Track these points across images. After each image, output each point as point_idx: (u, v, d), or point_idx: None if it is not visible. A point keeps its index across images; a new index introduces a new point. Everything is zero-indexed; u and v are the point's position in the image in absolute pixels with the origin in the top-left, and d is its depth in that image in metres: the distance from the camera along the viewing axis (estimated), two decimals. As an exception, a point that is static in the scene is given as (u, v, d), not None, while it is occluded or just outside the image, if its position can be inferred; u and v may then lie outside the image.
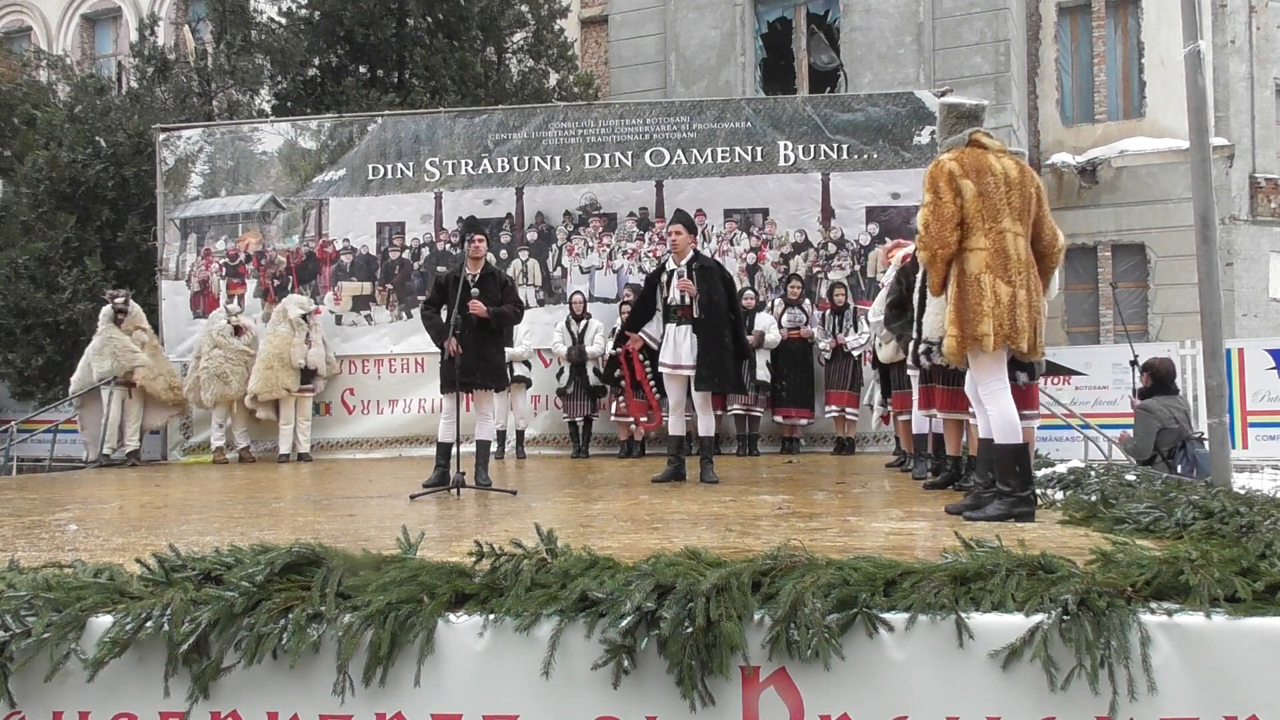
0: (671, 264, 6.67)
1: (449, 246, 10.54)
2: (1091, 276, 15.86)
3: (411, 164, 10.79)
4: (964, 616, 2.32)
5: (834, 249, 10.24)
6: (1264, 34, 15.62)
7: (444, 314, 6.26)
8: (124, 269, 12.68)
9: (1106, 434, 8.99)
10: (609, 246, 10.51)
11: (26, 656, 2.38)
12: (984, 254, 4.07)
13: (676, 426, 6.86)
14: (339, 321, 10.82)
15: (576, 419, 9.95)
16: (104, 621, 2.43)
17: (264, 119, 12.42)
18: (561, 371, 9.96)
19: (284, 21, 13.86)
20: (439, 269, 9.73)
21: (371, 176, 10.86)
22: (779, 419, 9.84)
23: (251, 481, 7.65)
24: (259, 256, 10.99)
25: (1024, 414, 4.64)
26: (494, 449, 7.84)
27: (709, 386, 6.54)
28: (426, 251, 10.76)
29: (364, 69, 14.08)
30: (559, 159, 10.62)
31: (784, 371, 9.75)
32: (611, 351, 9.02)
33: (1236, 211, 15.30)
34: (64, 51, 18.59)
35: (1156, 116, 15.43)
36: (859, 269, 10.16)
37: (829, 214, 10.24)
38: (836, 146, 10.22)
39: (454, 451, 6.07)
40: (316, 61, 14.03)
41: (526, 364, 9.91)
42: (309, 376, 10.21)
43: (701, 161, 10.42)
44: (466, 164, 10.72)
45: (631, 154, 10.52)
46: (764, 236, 10.35)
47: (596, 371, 9.77)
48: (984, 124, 4.39)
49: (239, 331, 10.31)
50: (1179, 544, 2.97)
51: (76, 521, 4.89)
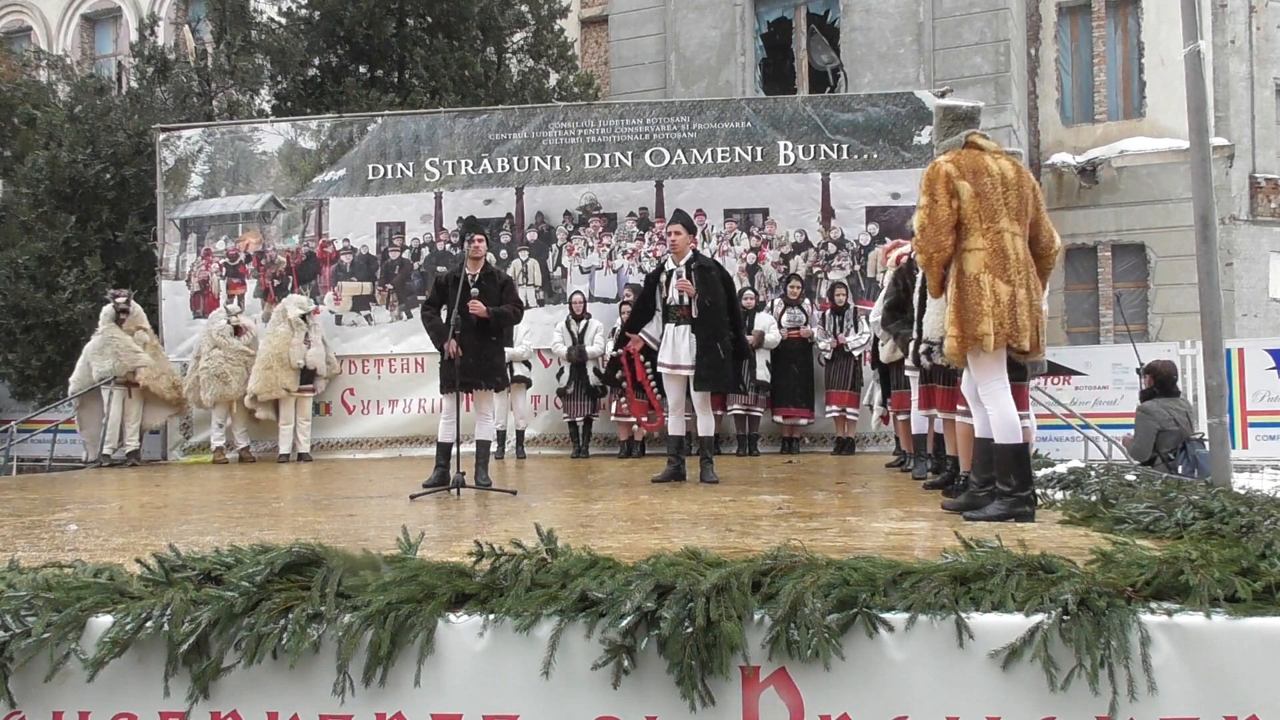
0: (671, 264, 6.68)
1: (449, 246, 10.54)
2: (1091, 276, 15.85)
3: (411, 164, 10.79)
4: (964, 616, 2.32)
5: (834, 249, 10.24)
6: (1264, 34, 15.62)
7: (444, 314, 6.26)
8: (124, 269, 12.68)
9: (1106, 434, 8.98)
10: (609, 246, 10.50)
11: (26, 656, 2.38)
12: (982, 254, 4.08)
13: (676, 426, 6.86)
14: (339, 321, 10.82)
15: (576, 419, 9.95)
16: (104, 621, 2.43)
17: (264, 119, 12.42)
18: (562, 371, 9.95)
19: (284, 21, 13.86)
20: (439, 269, 9.73)
21: (371, 176, 10.86)
22: (779, 419, 9.84)
23: (251, 481, 7.65)
24: (259, 256, 10.99)
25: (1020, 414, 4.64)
26: (494, 449, 7.84)
27: (708, 386, 6.54)
28: (426, 251, 10.76)
29: (364, 69, 14.08)
30: (559, 159, 10.61)
31: (784, 371, 9.75)
32: (613, 353, 9.03)
33: (1236, 211, 15.30)
34: (64, 51, 18.59)
35: (1156, 116, 15.43)
36: (859, 269, 10.16)
37: (829, 214, 10.24)
38: (836, 146, 10.22)
39: (454, 451, 6.07)
40: (316, 61, 14.03)
41: (526, 364, 9.91)
42: (309, 376, 10.20)
43: (701, 161, 10.42)
44: (466, 164, 10.72)
45: (631, 154, 10.52)
46: (764, 236, 10.35)
47: (597, 371, 9.77)
48: (980, 125, 4.40)
49: (239, 331, 10.31)
50: (1179, 544, 2.97)
51: (76, 521, 4.88)
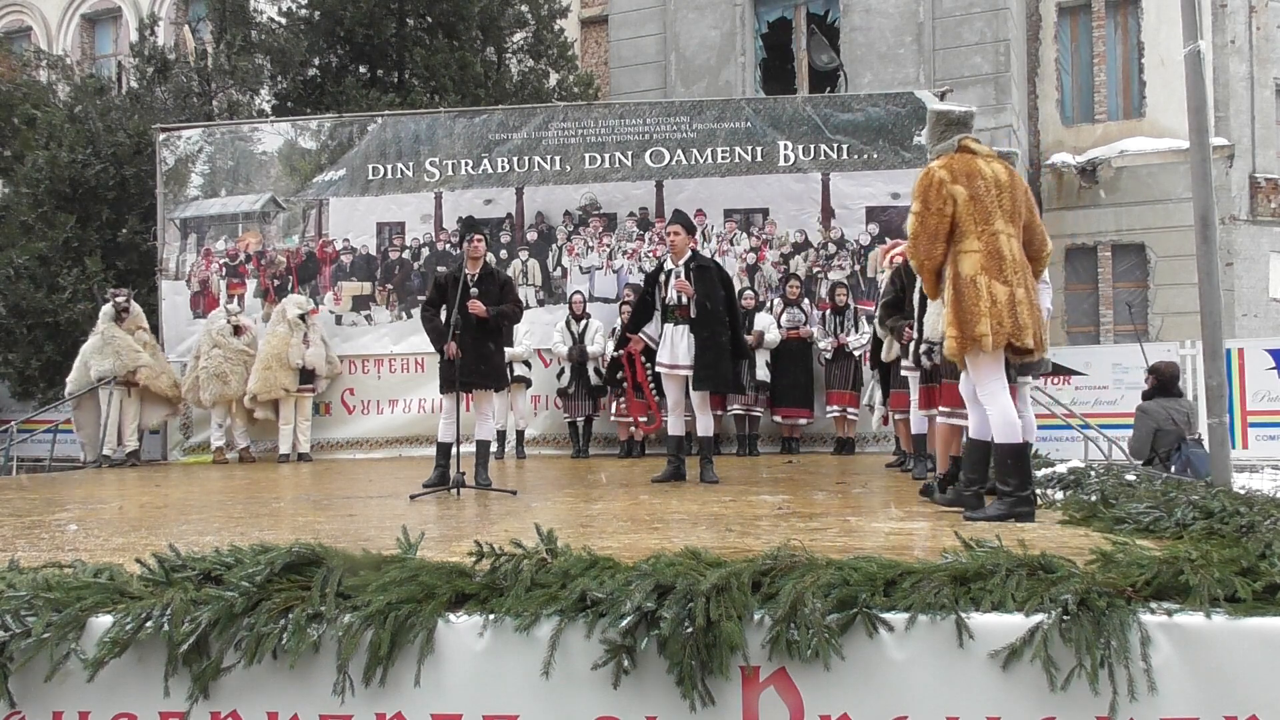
0: (670, 264, 6.68)
1: (449, 246, 10.54)
2: (1091, 276, 15.85)
3: (411, 164, 10.79)
4: (964, 616, 2.32)
5: (834, 249, 10.24)
6: (1264, 34, 15.62)
7: (443, 314, 6.26)
8: (124, 269, 12.67)
9: (1106, 434, 8.98)
10: (609, 246, 10.50)
11: (26, 656, 2.38)
12: (978, 256, 4.11)
13: (676, 426, 6.86)
14: (339, 321, 10.81)
15: (577, 419, 9.95)
16: (104, 621, 2.43)
17: (264, 119, 12.42)
18: (562, 372, 9.95)
19: (284, 21, 13.86)
20: (439, 269, 9.72)
21: (371, 176, 10.86)
22: (778, 419, 9.84)
23: (251, 481, 7.65)
24: (259, 256, 10.98)
25: None
26: (494, 449, 7.83)
27: (706, 386, 6.54)
28: (426, 251, 10.76)
29: (364, 69, 14.08)
30: (559, 159, 10.61)
31: (783, 371, 9.75)
32: (614, 354, 9.03)
33: (1236, 211, 15.30)
34: (64, 51, 18.59)
35: (1156, 116, 15.43)
36: (859, 269, 10.16)
37: (829, 214, 10.24)
38: (836, 146, 10.21)
39: (454, 451, 6.07)
40: (316, 61, 14.03)
41: (526, 364, 9.91)
42: (309, 376, 10.20)
43: (701, 161, 10.42)
44: (466, 164, 10.71)
45: (631, 154, 10.51)
46: (764, 236, 10.35)
47: (598, 371, 9.77)
48: (980, 125, 4.42)
49: (238, 331, 10.31)
50: (1179, 544, 2.97)
51: (76, 521, 4.88)
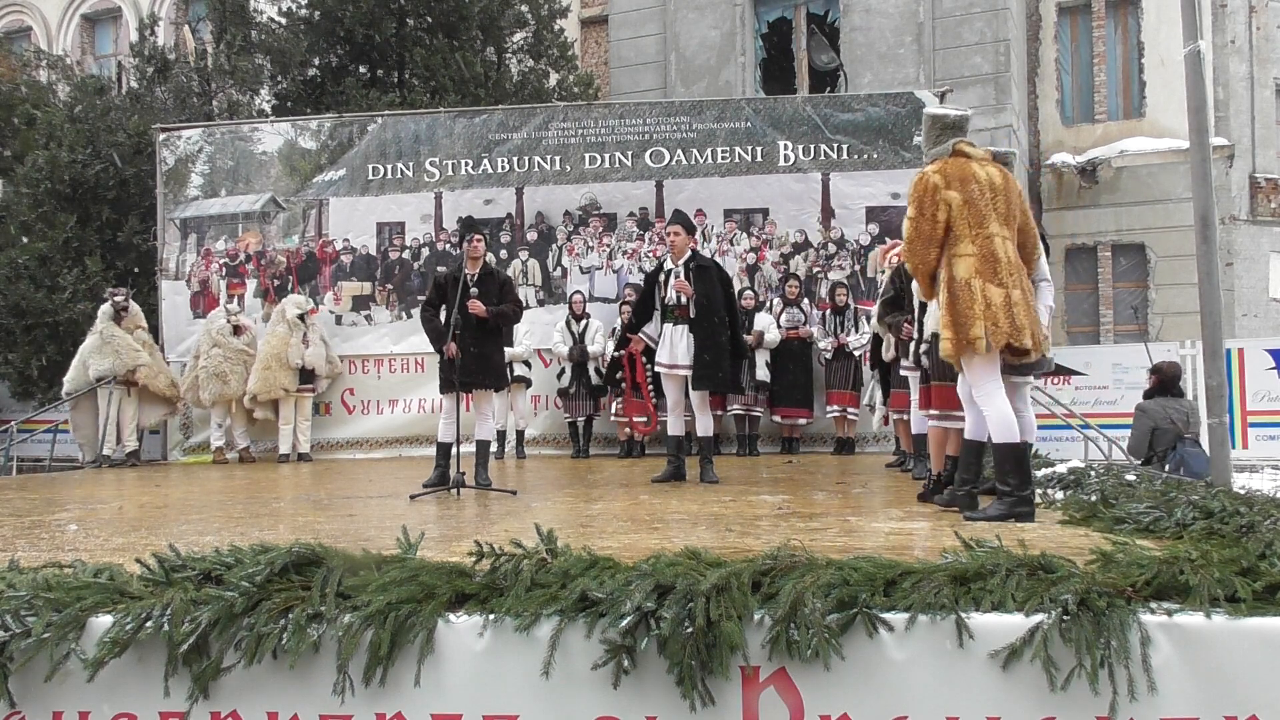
0: (670, 264, 6.68)
1: (449, 246, 10.53)
2: (1091, 276, 15.85)
3: (411, 164, 10.79)
4: (964, 616, 2.32)
5: (834, 249, 10.24)
6: (1264, 34, 15.62)
7: (443, 314, 6.26)
8: (124, 269, 12.68)
9: (1106, 434, 8.98)
10: (609, 246, 10.50)
11: (26, 656, 2.38)
12: (973, 259, 4.15)
13: (675, 426, 6.86)
14: (339, 321, 10.81)
15: (578, 419, 9.94)
16: (104, 621, 2.43)
17: (264, 119, 12.42)
18: (563, 372, 9.94)
19: (284, 21, 13.85)
20: (438, 269, 9.72)
21: (371, 176, 10.86)
22: (778, 418, 9.83)
23: (251, 481, 7.65)
24: (259, 256, 10.98)
25: None
26: (494, 449, 7.83)
27: (705, 386, 6.54)
28: (426, 251, 10.76)
29: (364, 69, 14.07)
30: (559, 159, 10.61)
31: (783, 371, 9.75)
32: (614, 354, 9.03)
33: (1236, 211, 15.29)
34: (64, 51, 18.58)
35: (1156, 116, 15.43)
36: (859, 269, 10.16)
37: (829, 214, 10.24)
38: (836, 146, 10.21)
39: (454, 451, 6.07)
40: (316, 61, 14.02)
41: (526, 364, 9.91)
42: (309, 376, 10.19)
43: (701, 161, 10.42)
44: (466, 164, 10.71)
45: (631, 154, 10.51)
46: (764, 236, 10.35)
47: (598, 371, 9.77)
48: (979, 126, 4.43)
49: (238, 331, 10.31)
50: (1179, 544, 2.97)
51: (76, 521, 4.88)
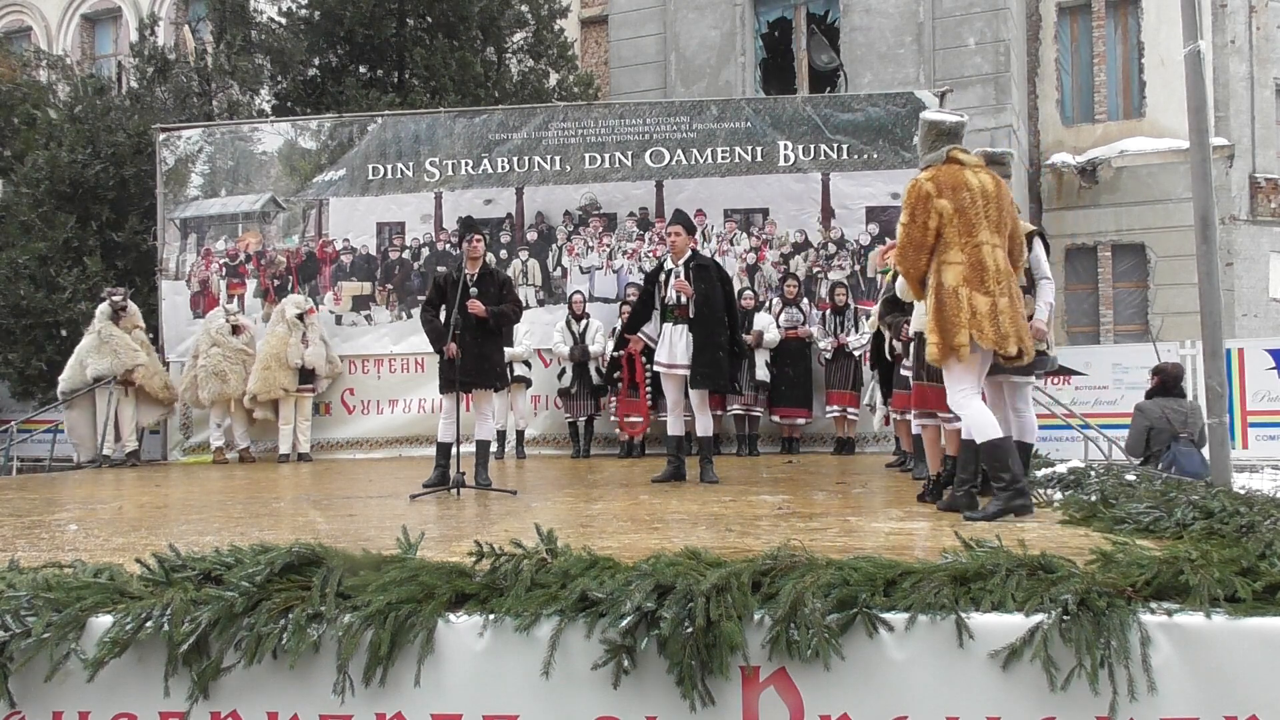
0: (670, 264, 6.68)
1: (449, 246, 10.53)
2: (1091, 276, 15.85)
3: (411, 164, 10.79)
4: (964, 616, 2.32)
5: (834, 249, 10.24)
6: (1264, 34, 15.62)
7: (443, 314, 6.26)
8: (124, 269, 12.67)
9: (1106, 434, 8.98)
10: (609, 246, 10.50)
11: (26, 656, 2.38)
12: (961, 268, 4.18)
13: (675, 426, 6.86)
14: (339, 321, 10.81)
15: (579, 419, 9.94)
16: (104, 621, 2.43)
17: (264, 119, 12.42)
18: (564, 372, 9.94)
19: (284, 21, 13.85)
20: (438, 269, 9.72)
21: (371, 176, 10.85)
22: (777, 418, 9.83)
23: (251, 481, 7.65)
24: (259, 256, 10.98)
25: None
26: (494, 449, 7.83)
27: (704, 385, 6.54)
28: (426, 251, 10.76)
29: (364, 69, 14.07)
30: (559, 159, 10.61)
31: (783, 371, 9.75)
32: (614, 354, 9.03)
33: (1236, 211, 15.29)
34: (64, 51, 18.58)
35: (1156, 116, 15.43)
36: (859, 269, 10.15)
37: (829, 214, 10.24)
38: (836, 146, 10.21)
39: (454, 451, 6.07)
40: (316, 61, 14.02)
41: (526, 364, 9.90)
42: (309, 376, 10.19)
43: (701, 161, 10.42)
44: (466, 164, 10.71)
45: (631, 154, 10.51)
46: (764, 236, 10.35)
47: (599, 371, 9.77)
48: (963, 139, 4.47)
49: (237, 330, 10.31)
50: (1179, 544, 2.97)
51: (76, 521, 4.88)
